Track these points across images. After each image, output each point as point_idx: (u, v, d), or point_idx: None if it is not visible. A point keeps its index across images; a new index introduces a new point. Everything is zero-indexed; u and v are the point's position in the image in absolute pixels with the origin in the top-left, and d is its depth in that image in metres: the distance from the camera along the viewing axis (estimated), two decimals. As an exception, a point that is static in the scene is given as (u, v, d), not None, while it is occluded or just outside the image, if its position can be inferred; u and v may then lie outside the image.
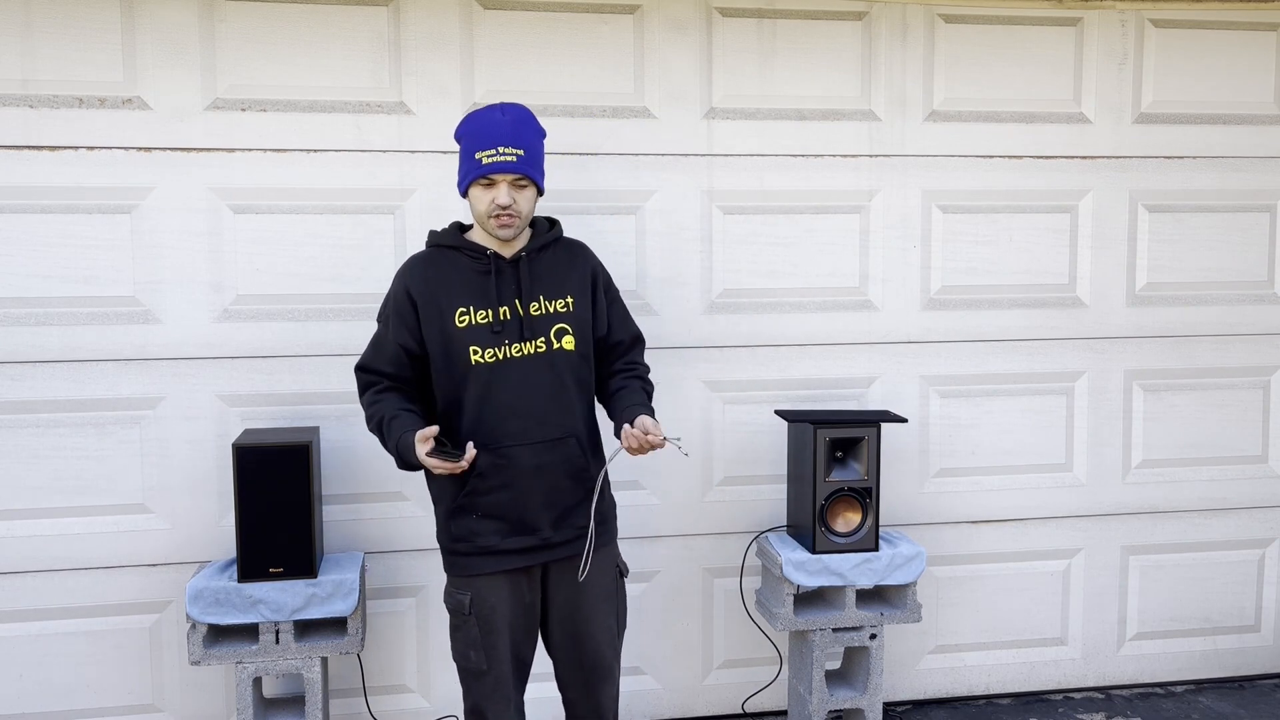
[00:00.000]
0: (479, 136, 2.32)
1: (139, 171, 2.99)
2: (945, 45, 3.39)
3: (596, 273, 2.51)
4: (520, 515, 2.36)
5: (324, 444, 3.11)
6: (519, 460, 2.34)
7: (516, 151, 2.29)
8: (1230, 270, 3.62)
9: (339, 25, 3.06)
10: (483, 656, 2.39)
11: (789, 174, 3.33)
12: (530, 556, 2.39)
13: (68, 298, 2.98)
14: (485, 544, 2.36)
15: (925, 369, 3.47)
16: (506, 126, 2.31)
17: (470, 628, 2.40)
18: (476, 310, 2.34)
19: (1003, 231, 3.47)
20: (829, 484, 3.08)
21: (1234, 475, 3.69)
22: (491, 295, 2.35)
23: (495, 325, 2.33)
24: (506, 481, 2.34)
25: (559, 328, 2.38)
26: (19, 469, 3.00)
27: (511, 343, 2.34)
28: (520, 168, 2.30)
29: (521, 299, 2.36)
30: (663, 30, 3.23)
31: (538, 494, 2.36)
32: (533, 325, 2.35)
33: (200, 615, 2.76)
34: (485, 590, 2.38)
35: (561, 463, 2.37)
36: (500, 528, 2.36)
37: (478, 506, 2.35)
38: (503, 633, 2.40)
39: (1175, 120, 3.54)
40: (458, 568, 2.42)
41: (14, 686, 3.04)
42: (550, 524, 2.38)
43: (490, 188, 2.31)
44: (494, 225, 2.33)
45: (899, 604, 3.16)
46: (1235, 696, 3.64)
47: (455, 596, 2.43)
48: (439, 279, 2.37)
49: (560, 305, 2.40)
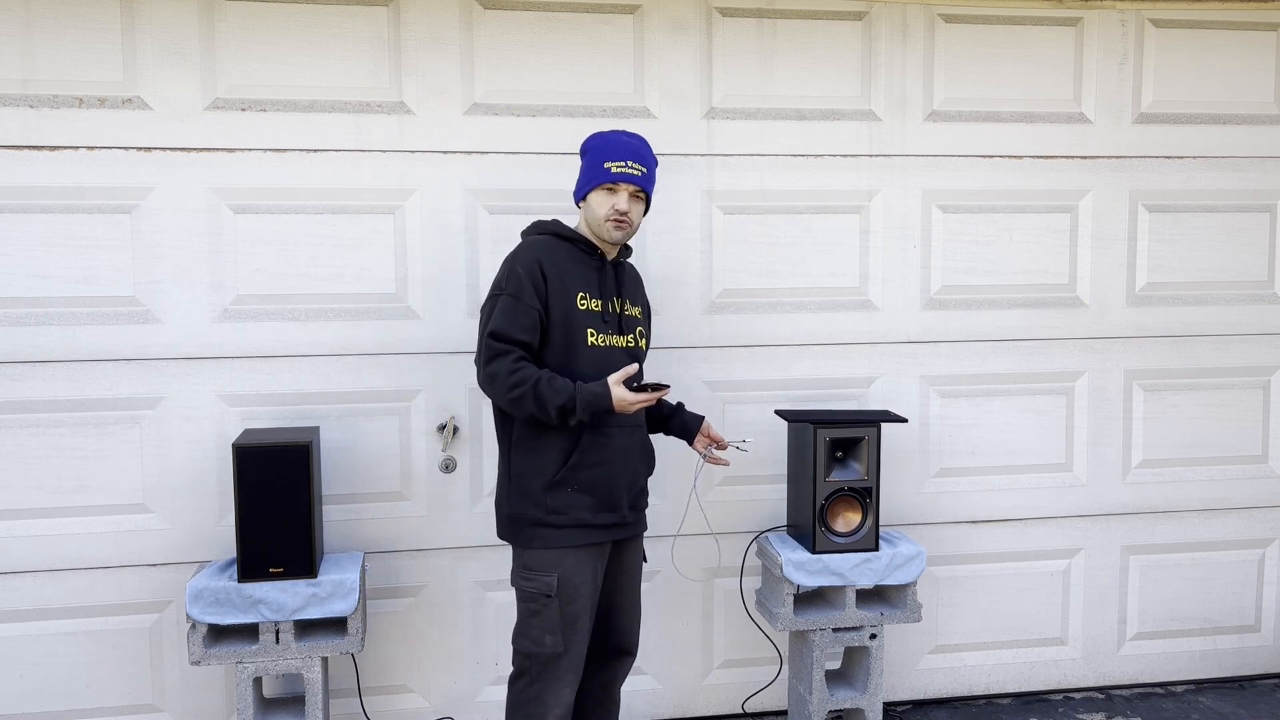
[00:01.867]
0: (610, 150, 2.57)
1: (139, 171, 2.99)
2: (945, 45, 3.39)
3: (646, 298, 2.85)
4: (610, 492, 2.55)
5: (324, 444, 3.11)
6: (615, 440, 2.55)
7: (641, 168, 2.57)
8: (1230, 270, 3.62)
9: (339, 25, 3.06)
10: (560, 639, 2.51)
11: (789, 174, 3.33)
12: (611, 533, 2.58)
13: (68, 298, 2.98)
14: (579, 517, 2.51)
15: (925, 369, 3.47)
16: (636, 146, 2.60)
17: (552, 610, 2.50)
18: (592, 298, 2.56)
19: (1003, 231, 3.48)
20: (829, 484, 3.08)
21: (1234, 475, 3.69)
22: (602, 288, 2.58)
23: (605, 315, 2.57)
24: (603, 459, 2.53)
25: (640, 329, 2.69)
26: (19, 469, 3.00)
27: (613, 333, 2.59)
28: (643, 182, 2.58)
29: (620, 298, 2.63)
30: (663, 30, 3.23)
31: (624, 474, 2.58)
32: (626, 322, 2.64)
33: (200, 615, 2.76)
34: (572, 568, 2.51)
35: (639, 446, 2.64)
36: (592, 503, 2.53)
37: (576, 480, 2.51)
38: (584, 613, 2.55)
39: (1175, 120, 3.54)
40: (547, 539, 2.51)
41: (14, 686, 3.04)
42: (628, 504, 2.60)
43: (613, 194, 2.55)
44: (610, 227, 2.56)
45: (899, 604, 3.16)
46: (1235, 696, 3.64)
47: (539, 579, 2.51)
48: (562, 262, 2.55)
49: (638, 311, 2.71)
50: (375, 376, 3.14)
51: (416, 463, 3.19)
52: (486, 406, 3.21)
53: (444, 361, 3.17)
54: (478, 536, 3.24)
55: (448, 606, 3.25)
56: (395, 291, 3.14)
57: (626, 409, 2.42)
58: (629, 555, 2.70)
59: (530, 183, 3.18)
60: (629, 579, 2.72)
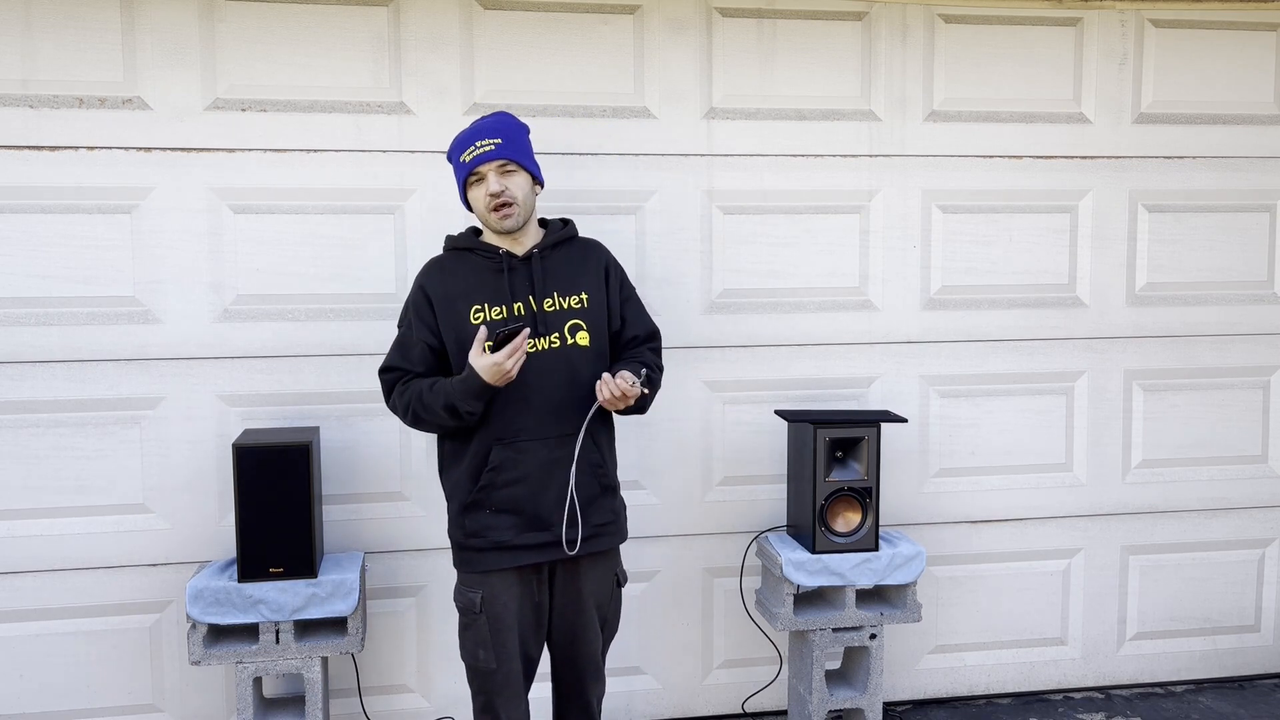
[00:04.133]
0: (459, 146, 2.43)
1: (139, 171, 2.99)
2: (945, 45, 3.39)
3: (609, 268, 2.54)
4: (534, 511, 2.37)
5: (324, 444, 3.11)
6: (534, 454, 2.36)
7: (494, 140, 2.36)
8: (1230, 270, 3.62)
9: (339, 25, 3.06)
10: (491, 655, 2.42)
11: (789, 174, 3.33)
12: (542, 553, 2.40)
13: (68, 298, 2.98)
14: (498, 539, 2.37)
15: (925, 369, 3.47)
16: (485, 124, 2.41)
17: (481, 626, 2.41)
18: (491, 307, 2.37)
19: (1003, 231, 3.48)
20: (829, 484, 3.08)
21: (1234, 475, 3.69)
22: (505, 292, 2.38)
23: (510, 322, 2.36)
24: (520, 476, 2.36)
25: (573, 323, 2.41)
26: (19, 469, 3.00)
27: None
28: (501, 153, 2.35)
29: (535, 295, 2.39)
30: (663, 30, 3.23)
31: (551, 490, 2.37)
32: (547, 321, 2.38)
33: (200, 615, 2.77)
34: (497, 588, 2.40)
35: (569, 458, 2.37)
36: (514, 523, 2.37)
37: (491, 501, 2.37)
38: (512, 630, 2.42)
39: (1175, 120, 3.54)
40: (470, 564, 2.42)
41: (14, 686, 3.04)
42: (565, 521, 2.38)
43: (480, 182, 2.38)
44: (495, 219, 2.37)
45: (899, 604, 3.16)
46: (1235, 696, 3.64)
47: (466, 595, 2.43)
48: (454, 279, 2.42)
49: (574, 301, 2.42)
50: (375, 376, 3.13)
51: (416, 463, 3.19)
52: (486, 406, 3.21)
53: (444, 361, 3.17)
54: (478, 536, 3.24)
55: (448, 606, 3.24)
56: (395, 291, 3.14)
57: (501, 372, 2.18)
58: (586, 580, 2.45)
59: (530, 183, 3.18)
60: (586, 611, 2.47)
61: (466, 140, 2.40)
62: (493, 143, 2.35)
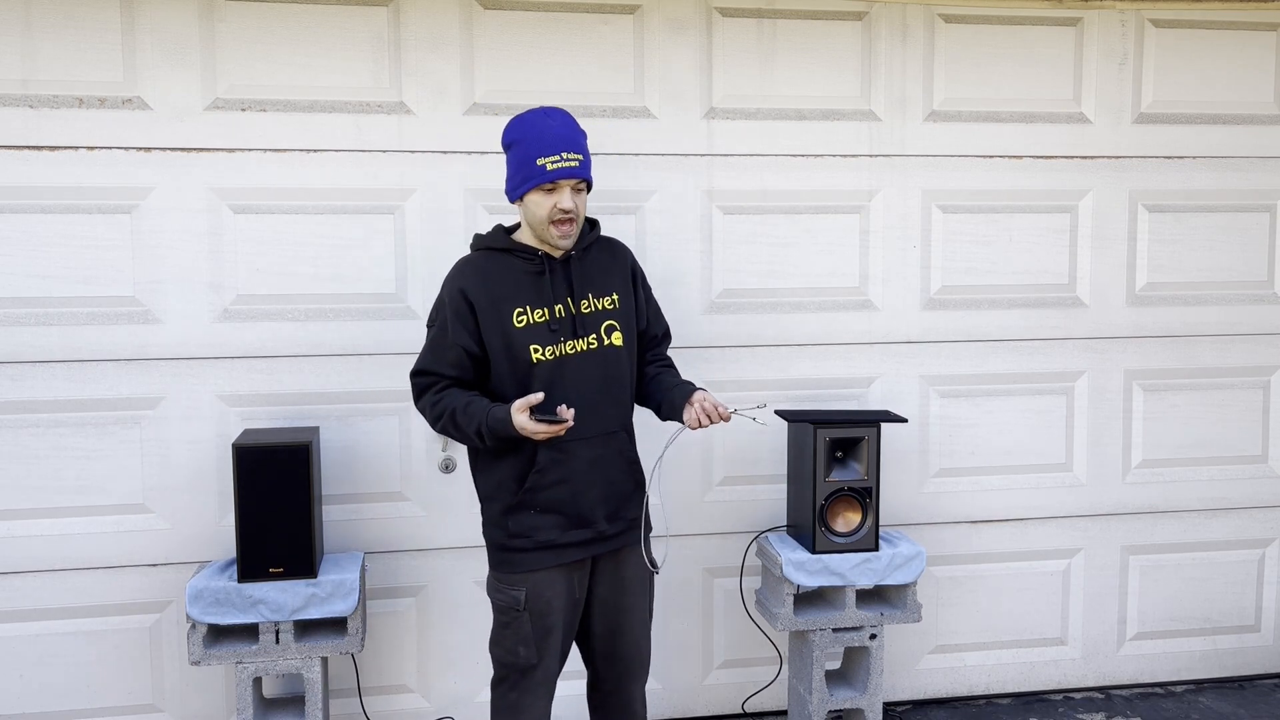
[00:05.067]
0: (539, 143, 2.33)
1: (139, 171, 2.99)
2: (945, 45, 3.39)
3: (635, 269, 2.59)
4: (578, 509, 2.41)
5: (324, 444, 3.12)
6: (577, 454, 2.39)
7: (578, 157, 2.34)
8: (1230, 270, 3.62)
9: (339, 25, 3.06)
10: (533, 651, 2.43)
11: (789, 174, 3.33)
12: (586, 549, 2.44)
13: (68, 298, 2.98)
14: (544, 539, 2.40)
15: (925, 369, 3.47)
16: (565, 132, 2.35)
17: (523, 623, 2.42)
18: (533, 309, 2.38)
19: (1003, 231, 3.48)
20: (829, 484, 3.08)
21: (1234, 475, 3.69)
22: (546, 294, 2.39)
23: (552, 324, 2.38)
24: (565, 476, 2.39)
25: (608, 324, 2.45)
26: (19, 469, 3.00)
27: (567, 340, 2.39)
28: (582, 172, 2.36)
29: (573, 297, 2.42)
30: (663, 30, 3.23)
31: (594, 487, 2.42)
32: (585, 322, 2.42)
33: (200, 615, 2.77)
34: (541, 585, 2.42)
35: (615, 455, 2.46)
36: (559, 521, 2.40)
37: (536, 502, 2.39)
38: (556, 627, 2.44)
39: (1175, 120, 3.54)
40: (513, 564, 2.43)
41: (14, 686, 3.04)
42: (605, 517, 2.44)
43: (553, 192, 2.34)
44: (556, 232, 2.37)
45: (899, 604, 3.16)
46: (1235, 696, 3.64)
47: (508, 593, 2.43)
48: (493, 281, 2.40)
49: (607, 303, 2.46)
50: (375, 376, 3.14)
51: (416, 463, 3.19)
52: (486, 406, 3.21)
53: (444, 361, 3.17)
54: (477, 536, 3.21)
55: (448, 606, 3.25)
56: (395, 291, 3.14)
57: (528, 435, 2.25)
58: (627, 569, 2.52)
59: (530, 183, 3.18)
60: (632, 595, 2.54)
61: (551, 142, 2.33)
62: (576, 159, 2.33)
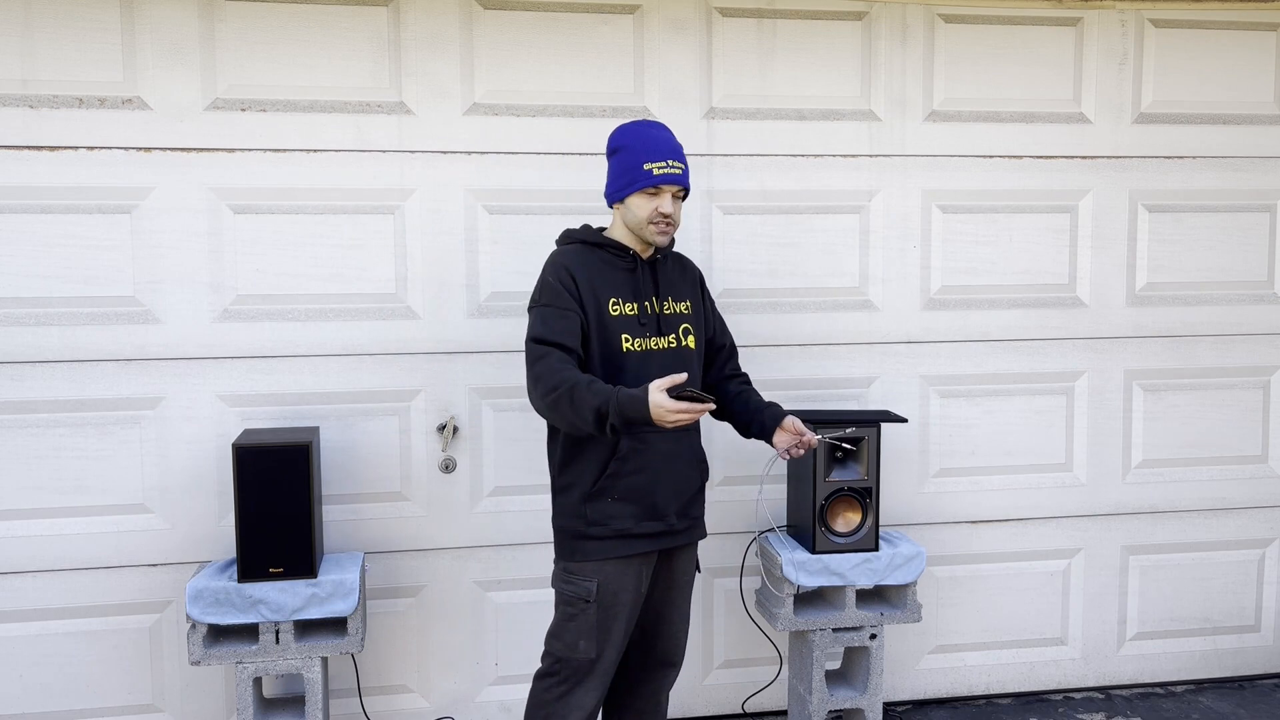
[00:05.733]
0: (649, 149, 2.47)
1: (139, 171, 2.99)
2: (945, 45, 3.39)
3: (703, 282, 2.76)
4: (652, 501, 2.49)
5: (324, 444, 3.12)
6: (656, 446, 2.49)
7: (681, 165, 2.49)
8: (1230, 270, 3.62)
9: (339, 25, 3.06)
10: (593, 645, 2.47)
11: (789, 174, 3.33)
12: (656, 542, 2.52)
13: (68, 298, 2.98)
14: (620, 527, 2.46)
15: (925, 369, 3.47)
16: (672, 142, 2.51)
17: (589, 615, 2.46)
18: (625, 303, 2.50)
19: (1003, 231, 3.48)
20: (829, 484, 3.08)
21: (1234, 475, 3.69)
22: (637, 290, 2.52)
23: (641, 318, 2.51)
24: (642, 466, 2.47)
25: (685, 327, 2.59)
26: (19, 469, 3.00)
27: (651, 336, 2.51)
28: (684, 180, 2.50)
29: (657, 297, 2.56)
30: (663, 30, 3.23)
31: (667, 481, 2.52)
32: (667, 322, 2.56)
33: (200, 615, 2.77)
34: (612, 575, 2.47)
35: (687, 451, 2.57)
36: (635, 511, 2.47)
37: (616, 489, 2.46)
38: (621, 619, 2.49)
39: (1175, 120, 3.54)
40: (588, 552, 2.46)
41: (14, 686, 3.04)
42: (676, 512, 2.53)
43: (655, 196, 2.47)
44: (653, 231, 2.49)
45: (899, 604, 3.16)
46: (1235, 696, 3.64)
47: (579, 584, 2.47)
48: (593, 270, 2.50)
49: (683, 307, 2.61)
50: (375, 376, 3.14)
51: (416, 463, 3.19)
52: (486, 406, 3.21)
53: (444, 361, 3.18)
54: (478, 536, 3.24)
55: (448, 606, 3.25)
56: (395, 291, 3.14)
57: (664, 419, 2.22)
58: (679, 565, 2.62)
59: (530, 183, 3.18)
60: (678, 591, 2.64)
61: (657, 148, 2.46)
62: (680, 167, 2.48)
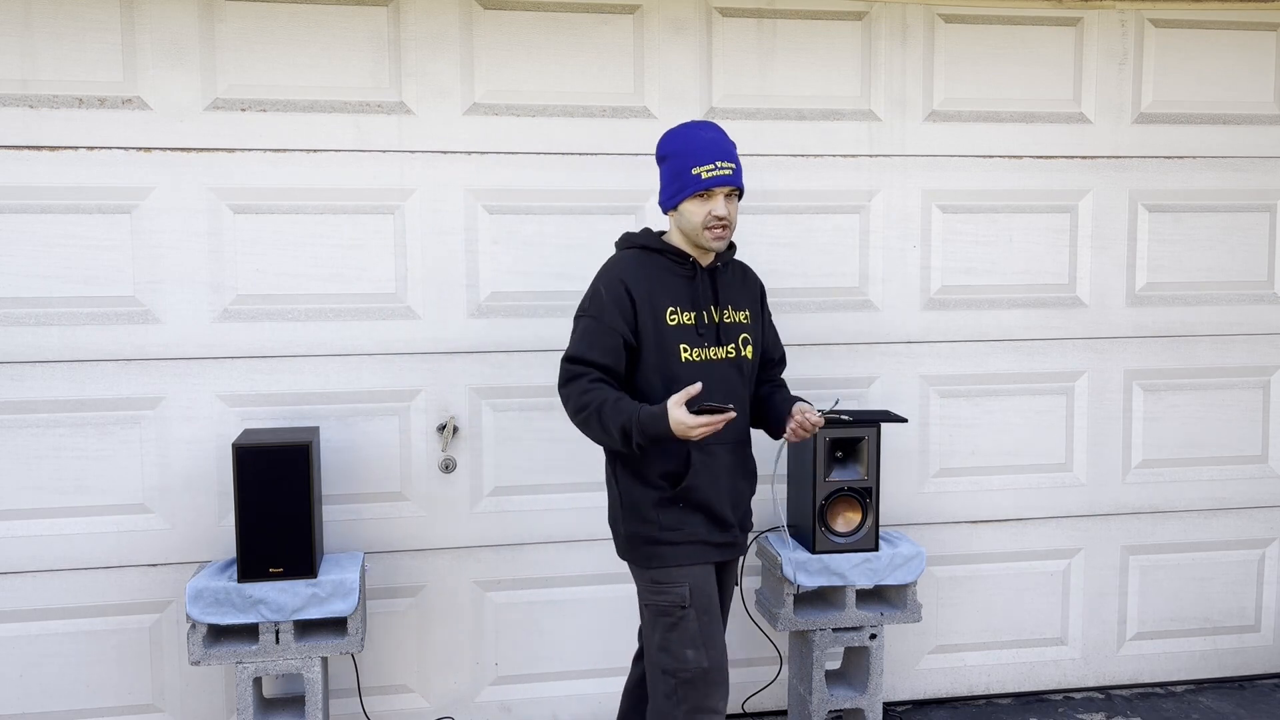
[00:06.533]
0: (695, 154, 2.41)
1: (139, 171, 2.99)
2: (945, 45, 3.39)
3: (763, 293, 2.70)
4: (717, 511, 2.47)
5: (324, 444, 3.12)
6: (719, 458, 2.47)
7: (731, 165, 2.41)
8: (1230, 270, 3.62)
9: (339, 25, 3.06)
10: (703, 653, 2.39)
11: (789, 174, 3.33)
12: (724, 551, 2.51)
13: (68, 298, 2.98)
14: (694, 534, 2.44)
15: (925, 369, 3.47)
16: (720, 142, 2.43)
17: (690, 621, 2.40)
18: (683, 312, 2.45)
19: (1003, 231, 3.48)
20: (829, 484, 3.08)
21: (1234, 475, 3.69)
22: (695, 298, 2.47)
23: (699, 327, 2.45)
24: (712, 478, 2.45)
25: (744, 336, 2.54)
26: (19, 469, 3.00)
27: (710, 346, 2.46)
28: (736, 180, 2.42)
29: (716, 306, 2.49)
30: (662, 30, 3.23)
31: (728, 493, 2.50)
32: (726, 331, 2.50)
33: (200, 615, 2.77)
34: (699, 579, 2.43)
35: (742, 463, 2.56)
36: (703, 520, 2.45)
37: (688, 499, 2.43)
38: (717, 621, 2.45)
39: (1175, 120, 3.54)
40: (665, 558, 2.42)
41: (14, 686, 3.04)
42: (737, 522, 2.53)
43: (708, 200, 2.40)
44: (709, 236, 2.42)
45: (899, 604, 3.16)
46: (1235, 696, 3.64)
47: (673, 590, 2.41)
48: (650, 278, 2.45)
49: (742, 317, 2.55)
50: (375, 376, 3.14)
51: (416, 463, 3.19)
52: (486, 406, 3.21)
53: (443, 361, 3.18)
54: (478, 536, 3.24)
55: (448, 606, 3.25)
56: (395, 291, 3.14)
57: (687, 434, 2.23)
58: (727, 579, 2.60)
59: (530, 183, 3.18)
60: (724, 606, 2.60)
61: (705, 152, 2.40)
62: (730, 167, 2.40)
